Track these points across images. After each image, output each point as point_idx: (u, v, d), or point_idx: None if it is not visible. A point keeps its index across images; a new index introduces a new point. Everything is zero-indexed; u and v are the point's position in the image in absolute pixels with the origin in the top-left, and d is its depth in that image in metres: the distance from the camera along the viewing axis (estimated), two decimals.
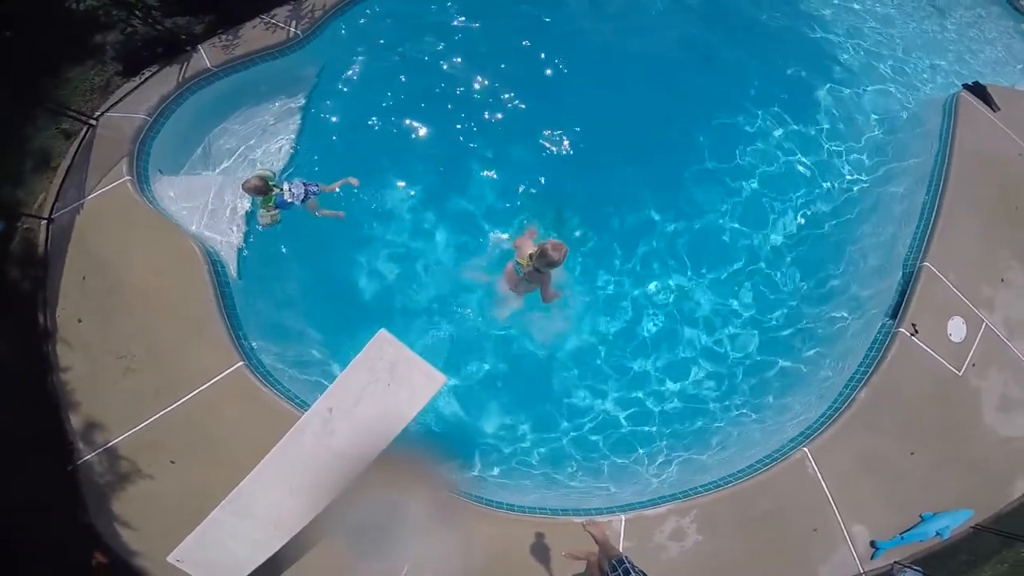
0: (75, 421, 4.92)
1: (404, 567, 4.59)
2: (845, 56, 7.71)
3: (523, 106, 6.95)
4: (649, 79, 7.23)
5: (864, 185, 6.85)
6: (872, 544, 5.02)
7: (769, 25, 7.79)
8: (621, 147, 6.85)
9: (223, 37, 6.43)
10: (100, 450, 4.84)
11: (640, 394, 6.10)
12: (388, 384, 4.38)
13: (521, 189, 6.63)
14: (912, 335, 5.34)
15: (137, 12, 6.07)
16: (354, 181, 6.20)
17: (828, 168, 6.96)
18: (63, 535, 4.61)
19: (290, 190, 5.74)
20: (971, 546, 5.20)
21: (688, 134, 7.02)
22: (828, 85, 7.42)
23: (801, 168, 6.95)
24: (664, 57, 7.37)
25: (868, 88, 7.46)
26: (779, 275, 6.51)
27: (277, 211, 5.82)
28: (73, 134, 5.94)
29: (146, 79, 6.21)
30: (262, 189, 5.61)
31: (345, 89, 6.96)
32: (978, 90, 6.79)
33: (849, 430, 5.14)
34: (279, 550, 4.29)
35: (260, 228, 5.98)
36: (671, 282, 6.46)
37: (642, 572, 3.48)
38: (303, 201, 5.82)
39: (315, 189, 5.90)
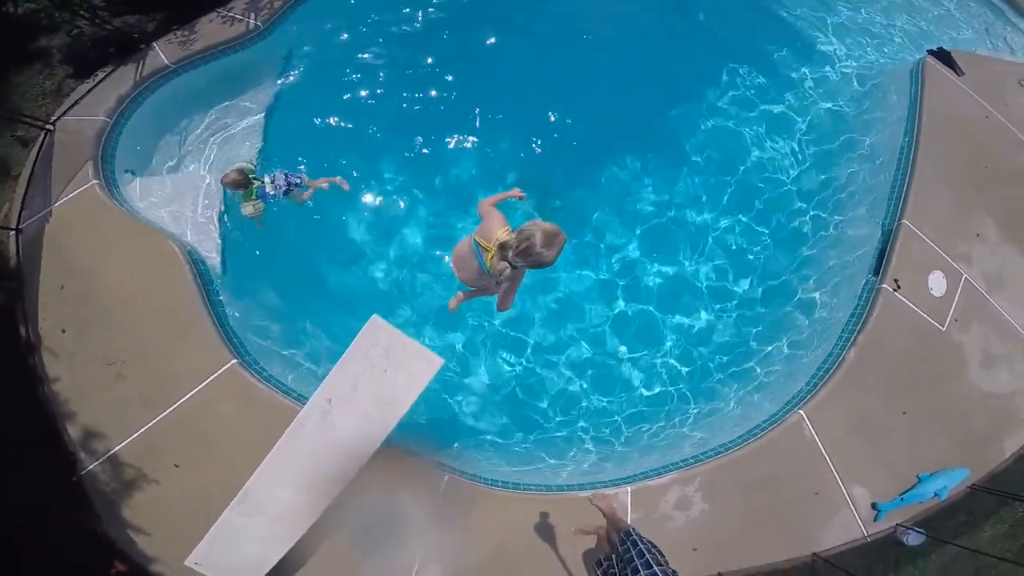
0: (73, 431, 5.00)
1: (415, 564, 4.75)
2: (812, 26, 8.10)
3: (502, 88, 7.12)
4: (625, 58, 7.52)
5: (839, 148, 7.22)
6: (874, 506, 5.28)
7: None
8: (599, 124, 7.10)
9: (179, 33, 6.55)
10: (102, 459, 4.94)
11: (641, 375, 6.37)
12: (385, 370, 4.47)
13: (503, 170, 6.81)
14: (895, 291, 5.72)
15: (82, 13, 6.18)
16: (344, 185, 6.37)
17: (808, 134, 7.34)
18: (63, 535, 4.72)
19: (272, 182, 5.90)
20: (969, 506, 5.50)
21: (665, 117, 7.35)
22: (798, 54, 7.82)
23: (781, 140, 7.31)
24: (640, 35, 7.67)
25: (838, 57, 7.88)
26: (771, 252, 6.83)
27: (260, 201, 5.94)
28: (30, 141, 6.03)
29: (100, 80, 6.29)
30: (241, 183, 5.77)
31: (315, 78, 7.08)
32: (943, 55, 7.33)
33: (840, 390, 5.43)
34: (295, 547, 4.43)
35: (252, 220, 6.08)
36: (662, 266, 6.74)
37: (650, 542, 3.56)
38: (286, 193, 5.97)
39: (297, 181, 6.05)
